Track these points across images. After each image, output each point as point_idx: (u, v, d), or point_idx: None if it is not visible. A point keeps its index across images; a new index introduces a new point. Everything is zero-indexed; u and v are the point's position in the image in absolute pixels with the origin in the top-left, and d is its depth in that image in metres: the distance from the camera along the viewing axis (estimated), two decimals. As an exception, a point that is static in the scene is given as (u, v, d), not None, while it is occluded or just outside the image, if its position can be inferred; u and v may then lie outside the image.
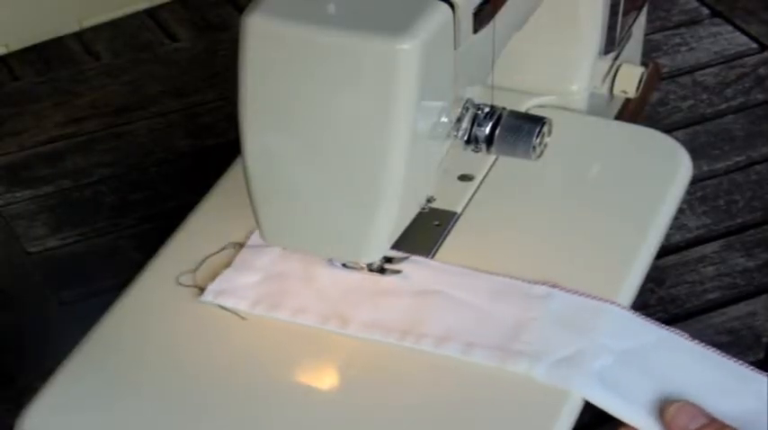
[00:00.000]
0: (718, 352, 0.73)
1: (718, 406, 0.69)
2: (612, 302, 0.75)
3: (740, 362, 0.73)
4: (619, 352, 0.72)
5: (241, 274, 0.78)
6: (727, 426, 0.67)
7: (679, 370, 0.72)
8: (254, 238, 0.80)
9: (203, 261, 0.79)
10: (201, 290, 0.77)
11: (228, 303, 0.76)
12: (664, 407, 0.68)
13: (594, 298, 0.75)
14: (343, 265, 0.77)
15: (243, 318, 0.75)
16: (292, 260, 0.79)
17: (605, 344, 0.73)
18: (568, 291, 0.76)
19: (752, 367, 0.73)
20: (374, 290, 0.77)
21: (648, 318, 0.75)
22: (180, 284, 0.78)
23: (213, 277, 0.78)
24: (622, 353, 0.72)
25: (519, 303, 0.75)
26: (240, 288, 0.77)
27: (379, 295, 0.76)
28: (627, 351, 0.73)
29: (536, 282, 0.76)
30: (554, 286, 0.76)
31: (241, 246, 0.80)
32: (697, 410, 0.68)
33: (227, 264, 0.79)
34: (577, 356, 0.72)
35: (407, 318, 0.75)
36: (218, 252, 0.80)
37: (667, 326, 0.75)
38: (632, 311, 0.75)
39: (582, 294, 0.76)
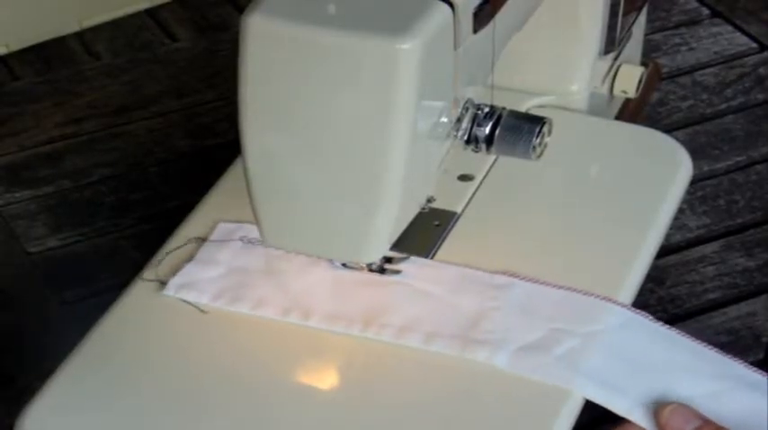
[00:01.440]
0: (687, 336, 0.74)
1: (693, 389, 0.70)
2: (574, 289, 0.75)
3: (707, 345, 0.74)
4: (582, 335, 0.73)
5: (202, 268, 0.78)
6: (722, 428, 0.67)
7: (645, 350, 0.73)
8: (217, 233, 0.81)
9: (165, 256, 0.80)
10: (164, 284, 0.77)
11: (190, 297, 0.77)
12: (657, 410, 0.68)
13: (556, 286, 0.76)
14: (343, 265, 0.77)
15: (204, 311, 0.76)
16: (254, 254, 0.79)
17: (567, 329, 0.73)
18: (530, 279, 0.76)
19: (714, 348, 0.74)
20: (336, 282, 0.77)
21: (612, 301, 0.75)
22: (142, 280, 0.78)
23: (177, 272, 0.78)
24: (586, 336, 0.73)
25: (480, 293, 0.76)
26: (201, 282, 0.77)
27: (341, 287, 0.77)
28: (590, 334, 0.73)
29: (496, 272, 0.77)
30: (515, 275, 0.76)
31: (203, 240, 0.80)
32: (691, 412, 0.68)
33: (191, 259, 0.79)
34: (539, 343, 0.72)
35: (369, 309, 0.75)
36: (181, 247, 0.80)
37: (633, 309, 0.75)
38: (595, 295, 0.75)
39: (543, 283, 0.76)
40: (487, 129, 0.74)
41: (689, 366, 0.72)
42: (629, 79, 0.96)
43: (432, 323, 0.74)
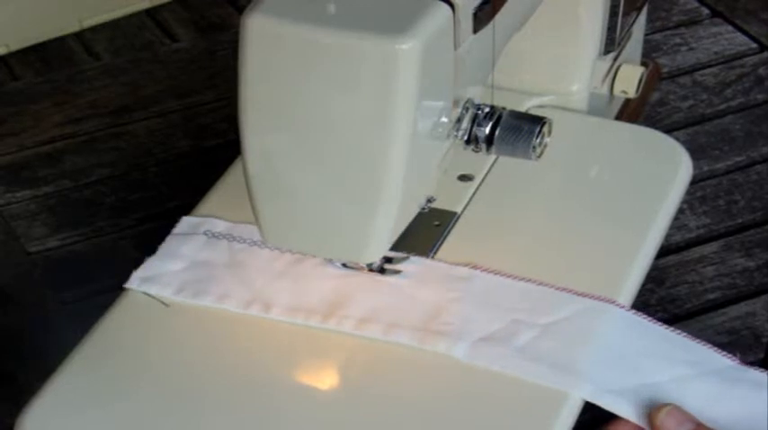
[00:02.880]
0: (654, 321, 0.74)
1: (663, 373, 0.70)
2: (532, 281, 0.76)
3: (674, 329, 0.74)
4: (542, 326, 0.73)
5: (165, 262, 0.79)
6: None
7: (607, 335, 0.73)
8: (180, 227, 0.81)
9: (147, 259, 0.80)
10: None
11: (152, 290, 0.77)
12: (652, 412, 0.68)
13: (515, 277, 0.76)
14: (343, 265, 0.77)
15: (166, 304, 0.76)
16: (218, 248, 0.79)
17: (527, 320, 0.73)
18: (491, 271, 0.76)
19: (684, 334, 0.74)
20: (299, 274, 0.77)
21: (572, 291, 0.75)
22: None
23: None
24: (546, 326, 0.73)
25: (441, 285, 0.76)
26: (164, 275, 0.78)
27: (303, 279, 0.77)
28: (550, 324, 0.73)
29: (458, 264, 0.77)
30: (475, 267, 0.76)
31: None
32: (684, 415, 0.68)
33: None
34: (499, 334, 0.73)
35: (330, 301, 0.75)
36: None
37: (596, 295, 0.75)
38: (553, 286, 0.76)
39: (504, 274, 0.76)
40: (487, 129, 0.74)
41: (657, 350, 0.72)
42: (629, 79, 0.96)
43: (392, 315, 0.74)
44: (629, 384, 0.70)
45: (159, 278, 0.78)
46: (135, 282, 0.78)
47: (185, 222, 0.82)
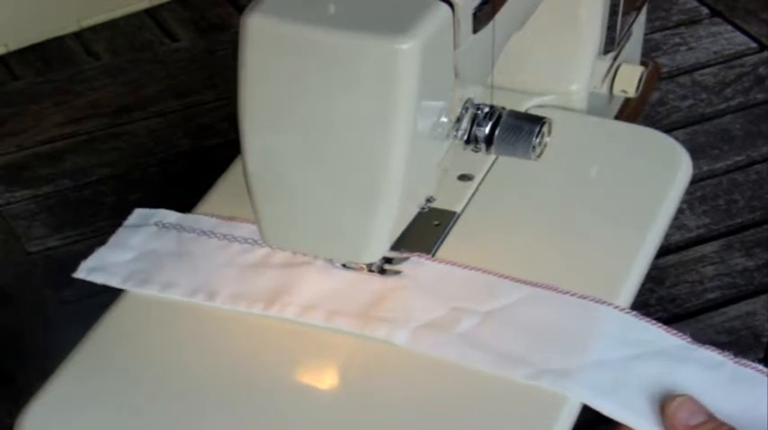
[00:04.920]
0: (600, 301, 0.74)
1: (607, 353, 0.70)
2: (478, 269, 0.76)
3: (628, 310, 0.73)
4: (484, 313, 0.73)
5: (114, 252, 0.80)
6: (725, 425, 0.67)
7: (551, 319, 0.73)
8: (132, 219, 0.82)
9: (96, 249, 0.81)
10: None
11: (99, 280, 0.78)
12: (665, 402, 0.68)
13: (461, 265, 0.76)
14: (343, 266, 0.77)
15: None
16: (166, 237, 0.80)
17: (468, 307, 0.74)
18: (434, 260, 0.77)
19: (632, 312, 0.73)
20: (246, 263, 0.78)
21: (516, 279, 0.75)
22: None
23: None
24: (487, 313, 0.73)
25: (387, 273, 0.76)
26: (112, 265, 0.79)
27: (249, 268, 0.77)
28: (492, 311, 0.73)
29: (408, 254, 0.77)
30: (422, 256, 0.77)
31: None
32: (697, 407, 0.68)
33: None
34: (439, 321, 0.73)
35: (274, 289, 0.76)
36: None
37: (540, 283, 0.75)
38: (498, 275, 0.76)
39: (449, 262, 0.77)
40: (487, 129, 0.74)
41: (604, 331, 0.72)
42: (629, 79, 0.96)
43: (335, 302, 0.75)
44: (572, 364, 0.70)
45: (107, 268, 0.79)
46: (82, 272, 0.79)
47: (137, 214, 0.83)
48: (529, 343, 0.71)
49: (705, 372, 0.70)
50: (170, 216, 0.82)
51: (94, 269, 0.79)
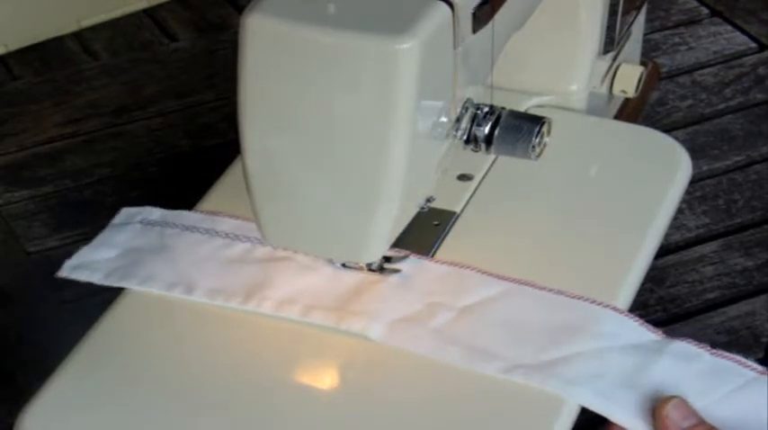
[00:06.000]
0: (576, 296, 0.74)
1: (578, 346, 0.70)
2: (457, 265, 0.76)
3: (606, 304, 0.73)
4: (459, 309, 0.73)
5: (98, 250, 0.80)
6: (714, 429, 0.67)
7: (524, 315, 0.73)
8: (119, 217, 0.82)
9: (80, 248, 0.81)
10: None
11: (82, 277, 0.78)
12: (659, 403, 0.68)
13: (440, 262, 0.76)
14: (343, 265, 0.77)
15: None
16: (150, 234, 0.80)
17: (444, 302, 0.74)
18: (413, 255, 0.77)
19: (609, 305, 0.73)
20: (226, 258, 0.78)
21: (495, 275, 0.75)
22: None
23: None
24: (462, 308, 0.74)
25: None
26: (95, 262, 0.79)
27: (229, 263, 0.77)
28: (468, 306, 0.74)
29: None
30: (401, 251, 0.77)
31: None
32: (690, 410, 0.68)
33: None
34: (415, 316, 0.73)
35: (252, 284, 0.76)
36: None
37: (517, 279, 0.75)
38: (476, 270, 0.76)
39: (429, 259, 0.77)
40: (487, 129, 0.74)
41: (577, 325, 0.72)
42: (629, 79, 0.96)
43: (312, 297, 0.75)
44: (544, 358, 0.70)
45: (90, 265, 0.79)
46: (66, 270, 0.79)
47: (124, 213, 0.83)
48: (504, 337, 0.72)
49: (682, 363, 0.71)
50: (154, 213, 0.82)
51: (77, 267, 0.79)
